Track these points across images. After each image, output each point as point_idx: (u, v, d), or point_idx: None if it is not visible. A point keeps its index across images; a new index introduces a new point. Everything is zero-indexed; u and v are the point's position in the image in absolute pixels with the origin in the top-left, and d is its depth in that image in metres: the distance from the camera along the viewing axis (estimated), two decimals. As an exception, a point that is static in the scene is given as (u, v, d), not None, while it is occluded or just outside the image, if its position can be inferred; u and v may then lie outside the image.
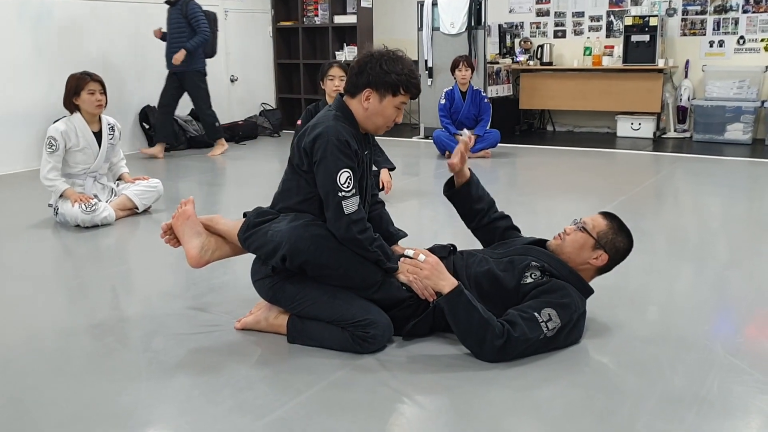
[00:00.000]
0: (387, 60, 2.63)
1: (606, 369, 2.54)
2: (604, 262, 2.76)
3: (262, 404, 2.28)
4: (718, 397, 2.28)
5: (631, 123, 8.69)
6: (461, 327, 2.51)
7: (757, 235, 4.31)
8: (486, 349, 2.49)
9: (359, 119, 2.71)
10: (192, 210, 2.92)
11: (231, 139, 8.62)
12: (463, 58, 7.15)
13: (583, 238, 2.75)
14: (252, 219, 2.73)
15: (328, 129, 2.60)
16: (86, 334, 2.89)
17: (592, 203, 5.03)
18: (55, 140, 4.59)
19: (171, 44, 7.33)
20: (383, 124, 2.73)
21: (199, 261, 2.89)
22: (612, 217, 2.82)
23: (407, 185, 5.90)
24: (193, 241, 2.89)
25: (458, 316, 2.50)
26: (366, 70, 2.64)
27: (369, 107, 2.67)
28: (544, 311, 2.53)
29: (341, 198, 2.57)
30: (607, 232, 2.75)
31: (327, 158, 2.57)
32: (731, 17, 8.38)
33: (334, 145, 2.57)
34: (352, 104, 2.71)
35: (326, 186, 2.59)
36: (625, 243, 2.79)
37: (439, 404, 2.30)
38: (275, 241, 2.58)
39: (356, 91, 2.68)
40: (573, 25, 9.30)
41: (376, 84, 2.64)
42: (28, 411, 2.29)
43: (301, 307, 2.67)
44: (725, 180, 6.13)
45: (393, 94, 2.65)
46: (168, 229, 2.97)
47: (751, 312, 3.06)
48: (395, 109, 2.70)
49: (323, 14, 9.38)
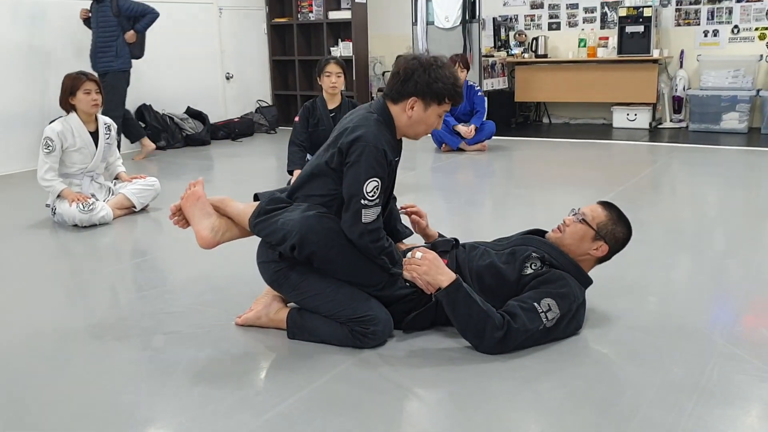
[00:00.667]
0: (434, 68, 2.62)
1: (606, 359, 2.54)
2: (605, 252, 2.77)
3: (263, 400, 2.28)
4: (718, 385, 2.28)
5: (626, 114, 8.70)
6: (461, 320, 2.52)
7: (754, 223, 4.32)
8: (486, 341, 2.49)
9: (400, 126, 2.70)
10: (202, 191, 2.86)
11: (227, 136, 8.63)
12: (458, 59, 7.03)
13: (582, 230, 2.75)
14: (264, 206, 2.70)
15: (369, 134, 2.57)
16: (86, 333, 2.89)
17: (589, 194, 5.04)
18: (51, 141, 4.59)
19: (98, 44, 6.91)
20: (424, 131, 2.74)
21: (210, 242, 2.82)
22: (611, 207, 2.82)
23: (404, 179, 5.89)
24: (204, 222, 2.82)
25: (457, 309, 2.50)
26: (413, 78, 2.62)
27: (413, 115, 2.66)
28: (544, 301, 2.54)
29: (363, 206, 2.55)
30: (606, 223, 2.76)
31: (360, 163, 2.55)
32: (725, 7, 8.38)
33: (372, 152, 2.55)
34: (394, 110, 2.69)
35: (351, 189, 2.57)
36: (624, 232, 2.80)
37: (440, 397, 2.31)
38: (286, 230, 2.55)
39: (401, 98, 2.66)
40: (567, 17, 9.30)
41: (423, 93, 2.62)
42: (29, 410, 2.29)
43: (302, 296, 2.66)
44: (722, 169, 6.14)
45: (438, 103, 2.65)
46: (177, 211, 2.89)
47: (749, 300, 3.07)
48: (438, 117, 2.70)
49: (317, 10, 9.37)
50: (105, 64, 6.89)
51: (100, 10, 6.89)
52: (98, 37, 6.92)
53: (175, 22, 8.34)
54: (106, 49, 6.90)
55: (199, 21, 8.71)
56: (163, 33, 8.20)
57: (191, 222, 2.86)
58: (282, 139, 8.12)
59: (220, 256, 3.85)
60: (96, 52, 6.93)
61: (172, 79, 8.38)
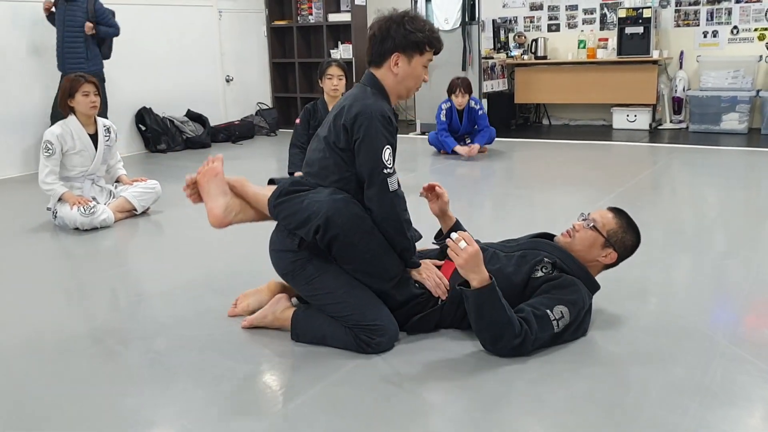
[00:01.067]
0: (408, 20, 2.64)
1: (608, 360, 2.54)
2: (613, 260, 2.77)
3: (267, 403, 2.28)
4: (721, 386, 2.28)
5: (626, 115, 8.70)
6: (484, 322, 2.45)
7: (754, 223, 4.32)
8: (500, 345, 2.46)
9: (390, 86, 2.70)
10: (221, 167, 2.80)
11: (227, 139, 8.64)
12: (459, 84, 6.98)
13: (593, 237, 2.73)
14: (286, 186, 2.66)
15: (370, 105, 2.58)
16: (88, 336, 2.89)
17: (589, 196, 5.04)
18: (51, 144, 4.59)
19: (66, 45, 6.66)
20: (414, 85, 2.74)
21: (222, 221, 2.77)
22: (621, 214, 2.81)
23: (404, 180, 5.86)
24: (219, 199, 2.76)
25: (483, 310, 2.44)
26: (390, 35, 2.63)
27: (399, 71, 2.67)
28: (557, 309, 2.52)
29: (386, 175, 2.56)
30: (616, 231, 2.75)
31: (371, 134, 2.55)
32: (724, 7, 8.39)
33: (378, 120, 2.56)
34: (381, 74, 2.70)
35: (370, 163, 2.56)
36: (633, 240, 2.79)
37: (443, 400, 2.30)
38: (311, 210, 2.51)
39: (383, 58, 2.67)
40: (567, 18, 9.31)
41: (402, 46, 2.63)
42: (32, 414, 2.28)
43: (314, 292, 2.64)
44: (722, 170, 6.14)
45: (420, 53, 2.66)
46: (192, 184, 2.83)
47: (751, 301, 3.07)
48: (423, 67, 2.71)
49: (317, 13, 9.38)
50: (74, 66, 6.54)
51: (70, 9, 6.62)
52: (66, 38, 6.66)
53: (175, 24, 8.36)
54: (74, 51, 6.65)
55: (198, 24, 8.72)
56: (163, 36, 8.23)
57: (205, 198, 2.80)
58: (282, 141, 8.12)
59: (222, 258, 3.86)
60: (64, 52, 6.67)
61: (172, 81, 8.38)
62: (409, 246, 2.66)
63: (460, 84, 6.99)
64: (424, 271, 2.71)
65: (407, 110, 10.28)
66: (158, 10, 8.14)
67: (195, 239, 4.31)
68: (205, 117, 8.47)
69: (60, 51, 6.73)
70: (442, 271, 2.75)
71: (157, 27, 8.15)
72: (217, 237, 2.98)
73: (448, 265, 2.78)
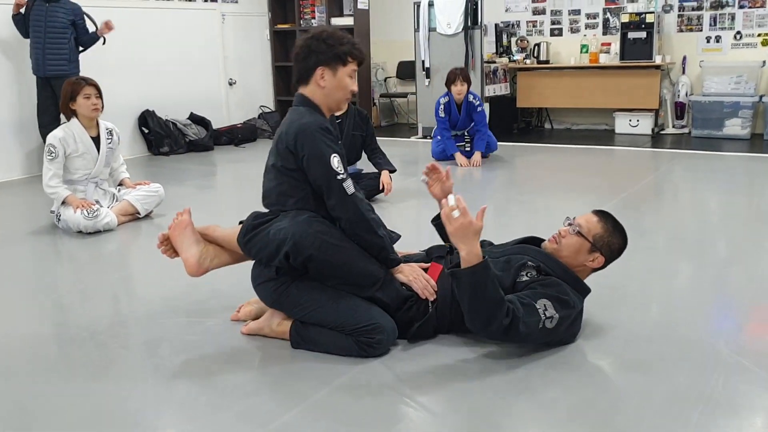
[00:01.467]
0: (326, 35, 2.74)
1: (610, 369, 2.54)
2: (600, 264, 2.77)
3: (268, 410, 2.28)
4: (724, 395, 2.29)
5: (629, 120, 8.71)
6: (477, 302, 2.41)
7: (756, 230, 4.32)
8: (493, 327, 2.43)
9: (320, 101, 2.78)
10: (189, 219, 2.92)
11: (230, 142, 8.65)
12: (459, 73, 6.86)
13: (579, 242, 2.73)
14: (250, 222, 2.73)
15: (306, 123, 2.67)
16: (91, 340, 2.90)
17: (591, 201, 5.04)
18: (54, 147, 4.61)
19: (49, 46, 6.45)
20: (343, 96, 2.81)
21: (198, 269, 2.89)
22: (606, 217, 2.80)
23: (406, 185, 5.91)
24: (192, 249, 2.89)
25: (477, 290, 2.39)
26: (312, 51, 2.73)
27: (326, 84, 2.75)
28: (540, 302, 2.52)
29: (341, 180, 2.64)
30: (602, 235, 2.74)
31: (315, 148, 2.64)
32: (728, 12, 8.40)
33: (318, 133, 2.65)
34: (309, 90, 2.78)
35: (323, 174, 2.64)
36: (619, 243, 2.79)
37: (445, 408, 2.31)
38: (278, 239, 2.57)
39: (309, 74, 2.75)
40: (569, 22, 9.32)
41: (325, 60, 2.73)
42: (36, 417, 2.29)
43: (305, 311, 2.67)
44: (724, 176, 6.14)
45: (343, 64, 2.75)
46: (165, 240, 2.95)
47: (753, 309, 3.07)
48: (349, 77, 2.78)
49: (320, 16, 9.39)
50: (56, 68, 6.46)
51: (52, 10, 6.43)
52: (48, 40, 6.44)
53: (178, 27, 8.37)
54: (57, 53, 6.46)
55: (202, 27, 8.73)
56: (167, 39, 8.24)
57: (179, 251, 2.92)
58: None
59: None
60: (45, 54, 6.45)
61: (175, 84, 8.40)
62: (383, 244, 2.70)
63: (459, 73, 6.87)
64: (410, 273, 2.73)
65: (409, 114, 10.29)
66: (162, 13, 8.16)
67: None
68: (208, 120, 8.49)
69: (40, 53, 6.47)
70: (428, 273, 2.77)
71: (161, 30, 8.16)
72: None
73: (435, 267, 2.80)
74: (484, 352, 2.64)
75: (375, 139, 5.45)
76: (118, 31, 7.63)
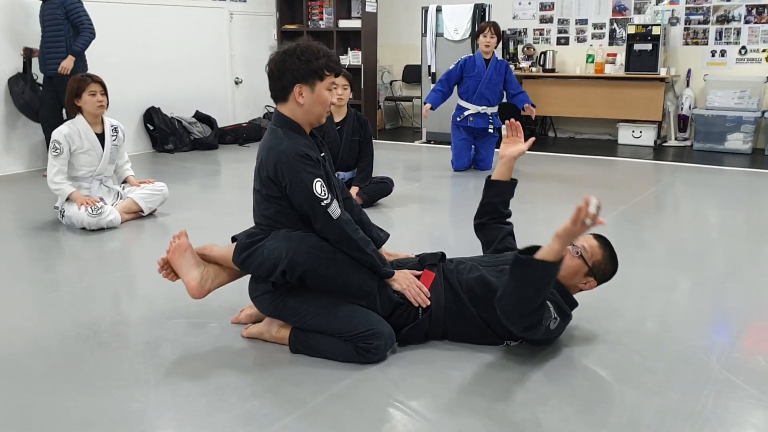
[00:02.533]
0: (300, 50, 2.69)
1: (603, 383, 2.58)
2: (591, 288, 2.84)
3: (268, 413, 2.33)
4: (713, 412, 2.33)
5: (632, 131, 8.75)
6: (532, 292, 2.42)
7: (755, 246, 4.36)
8: (530, 318, 2.47)
9: (300, 118, 2.75)
10: (187, 242, 2.93)
11: (234, 141, 8.69)
12: (490, 24, 6.64)
13: (578, 265, 2.77)
14: (244, 240, 2.77)
15: (284, 150, 2.65)
16: (94, 339, 2.94)
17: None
18: (59, 144, 4.65)
19: (47, 44, 6.49)
20: (323, 110, 2.78)
21: (200, 291, 2.90)
22: (606, 245, 2.85)
23: (409, 191, 5.95)
24: (192, 272, 2.90)
25: (544, 281, 2.41)
26: (287, 68, 2.68)
27: (304, 101, 2.72)
28: (547, 303, 2.58)
29: (325, 206, 2.65)
30: (601, 262, 2.80)
31: (296, 177, 2.64)
32: (733, 27, 8.43)
33: (297, 161, 2.64)
34: (288, 108, 2.75)
35: (307, 202, 2.66)
36: (612, 270, 2.86)
37: (440, 415, 2.34)
38: (273, 257, 2.62)
39: (286, 92, 2.72)
40: (576, 32, 9.36)
41: (302, 76, 2.68)
42: (37, 417, 2.33)
43: (304, 320, 2.71)
44: (725, 190, 6.17)
45: (320, 79, 2.71)
46: (165, 264, 2.96)
47: (747, 326, 3.11)
48: (327, 92, 2.75)
49: (328, 18, 9.44)
50: (53, 65, 6.46)
51: (48, 8, 6.48)
52: (46, 37, 6.50)
53: (185, 25, 8.42)
54: (55, 50, 6.47)
55: (209, 25, 8.78)
56: (174, 36, 8.29)
57: (179, 274, 2.94)
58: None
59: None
60: (46, 53, 6.50)
61: (181, 82, 8.45)
62: (373, 261, 2.73)
63: (490, 24, 6.62)
64: (403, 281, 2.78)
65: (413, 118, 10.33)
66: (169, 10, 8.21)
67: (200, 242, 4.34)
68: (213, 118, 8.53)
69: (41, 51, 6.55)
70: (421, 281, 2.82)
71: (168, 28, 8.21)
72: (224, 241, 3.03)
73: (427, 275, 2.85)
74: (479, 360, 2.68)
75: (370, 144, 5.37)
76: (126, 28, 7.72)
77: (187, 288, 2.92)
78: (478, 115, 6.78)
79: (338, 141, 5.18)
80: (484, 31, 6.59)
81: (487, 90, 6.75)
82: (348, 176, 5.34)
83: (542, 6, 9.49)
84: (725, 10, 8.44)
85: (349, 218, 2.75)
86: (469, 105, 6.78)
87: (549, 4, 9.45)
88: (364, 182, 5.32)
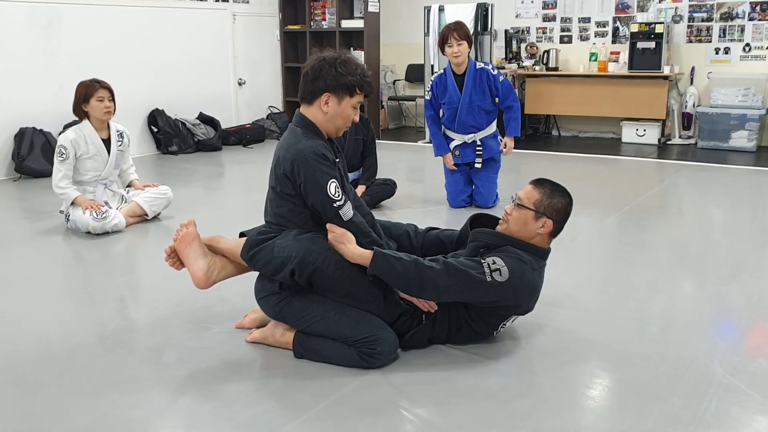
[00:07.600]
0: (340, 63, 2.72)
1: (604, 388, 2.59)
2: (551, 227, 2.84)
3: (271, 420, 2.34)
4: (715, 417, 2.33)
5: (636, 129, 8.73)
6: (399, 282, 2.61)
7: (759, 247, 4.35)
8: (428, 285, 2.59)
9: (320, 124, 2.78)
10: (195, 231, 2.92)
11: (238, 142, 8.70)
12: (451, 29, 4.99)
13: (523, 214, 2.82)
14: (255, 237, 2.78)
15: (302, 149, 2.68)
16: (98, 345, 2.96)
17: (593, 214, 5.07)
18: (65, 149, 4.67)
19: None
20: (343, 124, 2.82)
21: (206, 282, 2.89)
22: (542, 183, 2.89)
23: (412, 191, 5.96)
24: (199, 262, 2.89)
25: (390, 274, 2.59)
26: (322, 75, 2.71)
27: (329, 111, 2.75)
28: (488, 258, 2.66)
29: (338, 207, 2.68)
30: (542, 200, 2.82)
31: (311, 175, 2.66)
32: (737, 24, 8.41)
33: (314, 160, 2.66)
34: (311, 112, 2.78)
35: (320, 201, 2.68)
36: (563, 201, 2.87)
37: (443, 419, 2.35)
38: (283, 256, 2.63)
39: (313, 96, 2.75)
40: (579, 30, 9.34)
41: (333, 87, 2.72)
42: (40, 423, 2.35)
43: (308, 323, 2.72)
44: (729, 189, 6.16)
45: (350, 95, 2.74)
46: (172, 252, 2.95)
47: (750, 329, 3.11)
48: (353, 108, 2.79)
49: (330, 18, 9.43)
50: None
51: None
52: None
53: (188, 27, 8.43)
54: None
55: (212, 26, 8.79)
56: (177, 38, 8.30)
57: (186, 263, 2.92)
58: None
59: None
60: None
61: (185, 84, 8.46)
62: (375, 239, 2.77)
63: (454, 28, 4.98)
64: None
65: (417, 117, 10.33)
66: (172, 12, 8.22)
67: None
68: (217, 120, 8.54)
69: None
70: None
71: (171, 29, 8.22)
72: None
73: None
74: (482, 365, 2.70)
75: (374, 144, 5.42)
76: (129, 31, 7.73)
77: (192, 277, 2.90)
78: (464, 146, 5.36)
79: (342, 141, 5.19)
80: (448, 40, 5.00)
81: (468, 117, 5.23)
82: (353, 177, 5.35)
83: (545, 4, 9.48)
84: (729, 7, 8.42)
85: (362, 221, 2.77)
86: (453, 135, 5.36)
87: (552, 2, 9.43)
88: (370, 180, 5.35)
